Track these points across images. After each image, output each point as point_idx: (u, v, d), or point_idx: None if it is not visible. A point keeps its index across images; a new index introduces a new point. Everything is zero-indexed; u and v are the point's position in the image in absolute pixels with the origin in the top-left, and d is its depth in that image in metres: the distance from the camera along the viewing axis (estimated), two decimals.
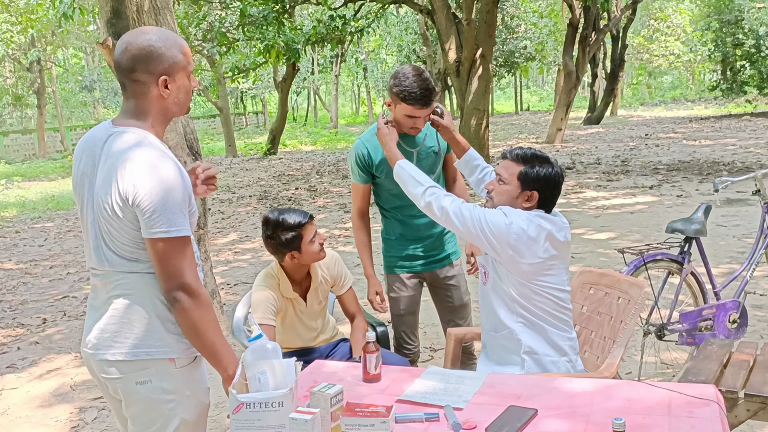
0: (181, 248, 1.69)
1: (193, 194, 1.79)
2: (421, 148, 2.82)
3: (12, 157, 25.43)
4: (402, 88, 2.58)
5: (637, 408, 1.79)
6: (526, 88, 47.91)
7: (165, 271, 1.68)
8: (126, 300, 1.75)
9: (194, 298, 1.69)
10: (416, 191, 2.38)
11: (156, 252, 1.68)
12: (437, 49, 25.25)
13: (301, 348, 2.78)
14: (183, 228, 1.69)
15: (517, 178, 2.30)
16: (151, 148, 1.71)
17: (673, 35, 32.56)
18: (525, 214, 2.26)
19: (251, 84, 28.96)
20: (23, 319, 5.55)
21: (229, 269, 6.69)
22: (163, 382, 1.75)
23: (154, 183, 1.65)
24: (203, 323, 1.71)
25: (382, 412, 1.71)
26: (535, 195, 2.30)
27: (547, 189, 2.31)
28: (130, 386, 1.75)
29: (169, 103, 1.77)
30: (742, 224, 6.77)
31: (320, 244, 2.65)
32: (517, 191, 2.30)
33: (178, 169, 1.71)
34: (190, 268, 1.71)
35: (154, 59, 1.72)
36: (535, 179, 2.29)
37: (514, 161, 2.32)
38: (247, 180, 14.12)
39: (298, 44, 12.65)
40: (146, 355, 1.74)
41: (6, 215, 11.66)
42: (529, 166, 2.29)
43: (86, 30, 26.24)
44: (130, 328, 1.74)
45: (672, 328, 3.44)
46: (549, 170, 2.30)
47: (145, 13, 4.25)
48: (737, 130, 17.02)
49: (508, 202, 2.31)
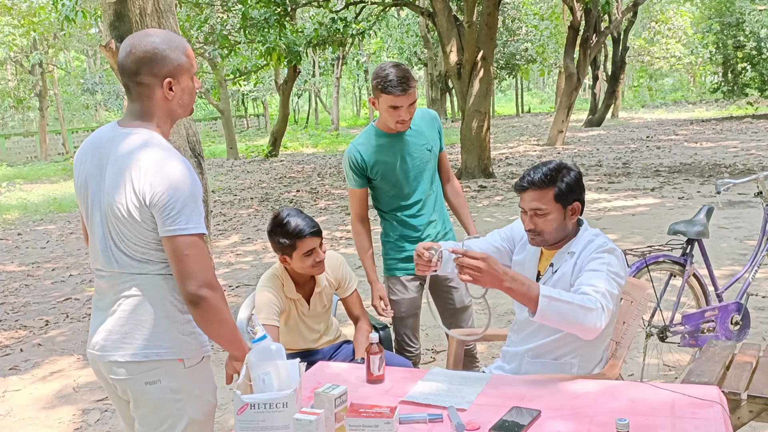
0: (201, 245, 1.70)
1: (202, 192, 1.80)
2: (413, 146, 2.81)
3: (14, 159, 25.46)
4: (380, 79, 2.63)
5: (641, 409, 1.80)
6: (527, 91, 47.94)
7: (188, 269, 1.67)
8: (135, 301, 1.75)
9: (218, 293, 1.70)
10: (585, 318, 1.95)
11: (176, 249, 1.67)
12: (438, 51, 25.28)
13: (304, 349, 2.78)
14: (200, 225, 1.70)
15: (554, 201, 2.17)
16: (160, 148, 1.72)
17: (674, 37, 32.57)
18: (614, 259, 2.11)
19: (252, 86, 28.97)
20: (26, 321, 5.56)
21: (231, 271, 6.70)
22: (172, 383, 1.76)
23: (169, 182, 1.66)
24: (227, 316, 1.73)
25: (386, 413, 1.71)
26: (577, 205, 2.22)
27: (582, 192, 2.24)
28: (140, 386, 1.75)
29: (173, 105, 1.79)
30: (744, 226, 6.77)
31: (317, 261, 2.57)
32: (562, 213, 2.19)
33: (187, 167, 1.72)
34: (210, 264, 1.72)
35: (159, 62, 1.73)
36: (570, 190, 2.18)
37: (540, 188, 2.17)
38: (248, 182, 14.13)
39: (300, 47, 12.67)
40: (156, 356, 1.74)
41: (8, 217, 11.67)
42: (558, 184, 2.17)
43: (88, 33, 26.27)
44: (140, 329, 1.74)
45: (674, 330, 3.43)
46: (572, 174, 2.21)
47: (148, 16, 4.27)
48: (738, 133, 17.02)
49: (560, 228, 2.20)
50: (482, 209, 9.02)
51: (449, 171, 3.03)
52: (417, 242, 2.86)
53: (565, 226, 2.22)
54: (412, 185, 2.82)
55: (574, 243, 2.23)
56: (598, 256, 2.13)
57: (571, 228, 2.24)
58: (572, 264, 2.19)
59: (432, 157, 2.86)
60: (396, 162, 2.79)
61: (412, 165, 2.80)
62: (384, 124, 2.79)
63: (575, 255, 2.19)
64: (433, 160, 2.87)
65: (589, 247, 2.18)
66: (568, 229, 2.24)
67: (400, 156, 2.79)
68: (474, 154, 11.76)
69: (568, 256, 2.22)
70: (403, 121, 2.70)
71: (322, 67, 33.14)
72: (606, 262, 2.10)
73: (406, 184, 2.81)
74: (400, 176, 2.80)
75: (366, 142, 2.82)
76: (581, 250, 2.19)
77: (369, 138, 2.83)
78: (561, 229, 2.21)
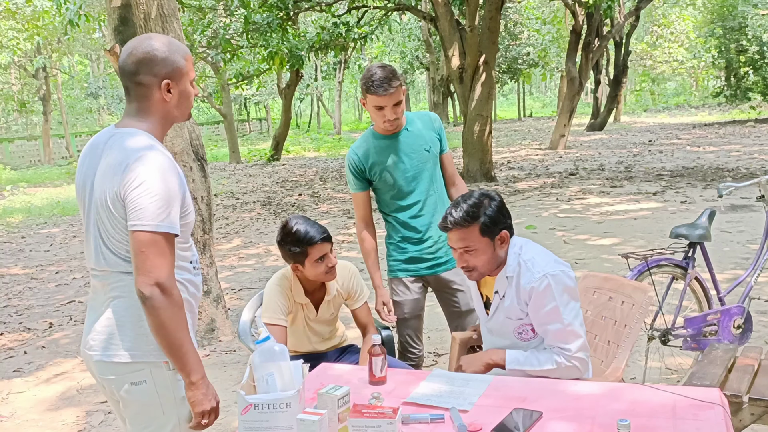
0: (161, 245, 1.66)
1: (189, 197, 1.79)
2: (410, 147, 2.82)
3: (17, 163, 25.55)
4: (365, 80, 2.67)
5: (642, 411, 1.80)
6: (528, 95, 47.96)
7: (141, 266, 1.65)
8: (122, 302, 1.76)
9: (167, 296, 1.65)
10: (544, 369, 2.18)
11: (134, 245, 1.66)
12: (440, 55, 25.33)
13: (308, 352, 2.78)
14: (166, 225, 1.66)
15: (481, 236, 2.18)
16: (148, 146, 1.72)
17: (677, 41, 32.55)
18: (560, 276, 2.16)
19: (255, 90, 29.04)
20: (30, 323, 5.57)
21: (234, 274, 6.72)
22: (157, 384, 1.76)
23: (142, 177, 1.66)
24: (172, 323, 1.67)
25: (388, 414, 1.72)
26: (504, 234, 2.22)
27: (506, 218, 2.24)
28: (126, 387, 1.76)
29: (170, 107, 1.81)
30: (746, 230, 6.77)
31: (329, 266, 2.57)
32: (490, 245, 2.20)
33: (173, 167, 1.73)
34: (166, 267, 1.67)
35: (158, 63, 1.76)
36: (494, 222, 2.19)
37: (463, 227, 2.18)
38: (250, 186, 14.15)
39: (302, 51, 12.70)
40: (140, 358, 1.75)
41: (12, 221, 11.71)
42: (482, 219, 2.18)
43: (92, 37, 26.39)
44: (125, 330, 1.75)
45: (676, 334, 3.43)
46: (493, 205, 2.21)
47: (152, 21, 4.29)
48: (741, 137, 17.01)
49: (491, 260, 2.22)
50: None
51: (454, 175, 3.00)
52: (419, 243, 2.88)
53: (497, 257, 2.24)
54: (411, 186, 2.83)
55: (507, 267, 2.25)
56: (542, 300, 2.15)
57: (504, 256, 2.26)
58: (514, 291, 2.23)
59: (431, 158, 2.86)
60: (393, 163, 2.80)
61: (410, 165, 2.81)
62: (378, 126, 2.81)
63: (512, 278, 2.23)
64: (432, 160, 2.87)
65: (525, 278, 2.18)
66: (501, 257, 2.25)
67: (397, 157, 2.80)
68: (476, 158, 11.78)
69: (507, 281, 2.25)
70: (389, 121, 2.71)
71: (324, 71, 33.20)
72: (552, 301, 2.14)
73: (404, 184, 2.83)
74: (398, 177, 2.82)
75: (364, 144, 2.85)
76: (516, 276, 2.22)
77: (367, 141, 2.86)
78: (493, 260, 2.24)
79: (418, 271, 2.91)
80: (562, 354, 2.16)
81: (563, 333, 2.16)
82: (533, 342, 2.27)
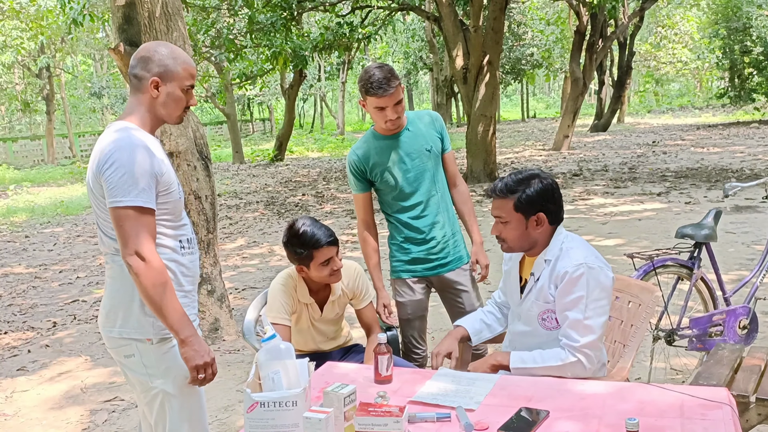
0: (135, 217, 1.82)
1: (172, 177, 1.94)
2: (411, 147, 2.80)
3: (21, 162, 25.61)
4: (364, 81, 2.67)
5: (650, 410, 1.80)
6: (532, 95, 47.96)
7: (122, 238, 1.83)
8: (114, 283, 1.97)
9: (146, 263, 1.81)
10: (548, 365, 2.17)
11: (113, 220, 1.84)
12: (444, 56, 25.32)
13: (313, 351, 2.78)
14: (139, 200, 1.82)
15: (514, 210, 2.19)
16: (122, 129, 1.90)
17: (681, 42, 32.50)
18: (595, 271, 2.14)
19: (258, 91, 29.07)
20: (34, 322, 5.58)
21: (238, 274, 6.72)
22: (143, 358, 1.96)
23: (115, 157, 1.82)
24: (155, 288, 1.82)
25: (395, 412, 1.71)
26: (541, 216, 2.20)
27: (549, 203, 2.21)
28: (121, 359, 2.00)
29: (157, 104, 1.96)
30: (751, 231, 6.75)
31: (334, 270, 2.57)
32: (523, 222, 2.20)
33: (145, 146, 1.86)
34: (143, 237, 1.82)
35: (153, 61, 1.95)
36: (531, 201, 2.18)
37: (501, 197, 2.21)
38: (254, 186, 14.17)
39: (306, 51, 12.70)
40: (127, 335, 1.95)
41: (16, 220, 11.73)
42: (519, 194, 2.18)
43: (95, 37, 26.42)
44: (116, 309, 1.96)
45: (682, 334, 3.42)
46: (538, 185, 2.19)
47: (156, 20, 4.28)
48: (745, 138, 16.96)
49: (523, 237, 2.22)
50: (488, 213, 9.00)
51: (456, 175, 2.97)
52: (422, 244, 2.86)
53: (529, 236, 2.22)
54: (413, 186, 2.81)
55: (548, 250, 2.24)
56: (571, 286, 2.13)
57: (538, 237, 2.23)
58: (548, 274, 2.21)
59: (433, 158, 2.84)
60: (395, 163, 2.79)
61: (411, 165, 2.80)
62: (380, 127, 2.80)
63: (551, 262, 2.21)
64: (434, 160, 2.85)
65: (562, 263, 2.17)
66: (534, 239, 2.23)
67: (398, 157, 2.79)
68: (480, 159, 11.77)
69: (545, 264, 2.23)
70: (391, 120, 2.70)
71: (327, 71, 33.21)
72: (581, 290, 2.12)
73: (406, 185, 2.81)
74: (399, 177, 2.80)
75: (364, 145, 2.83)
76: (555, 261, 2.20)
77: (367, 141, 2.84)
78: (524, 238, 2.23)
79: (422, 272, 2.89)
80: (568, 346, 2.13)
81: (579, 324, 2.13)
82: (553, 333, 2.23)
